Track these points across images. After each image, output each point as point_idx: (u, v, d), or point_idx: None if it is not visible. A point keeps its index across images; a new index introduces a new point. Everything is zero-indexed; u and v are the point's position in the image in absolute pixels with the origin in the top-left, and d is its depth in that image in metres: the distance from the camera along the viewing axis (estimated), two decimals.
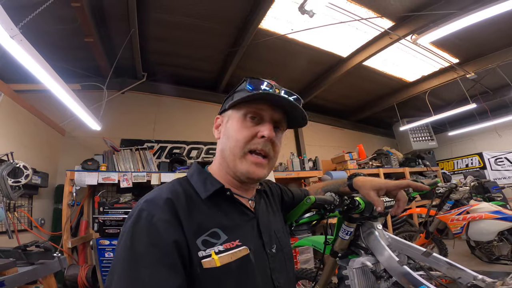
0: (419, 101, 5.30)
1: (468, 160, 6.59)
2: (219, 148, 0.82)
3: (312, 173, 4.37)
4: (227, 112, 0.82)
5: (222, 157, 0.80)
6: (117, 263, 0.58)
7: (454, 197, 2.95)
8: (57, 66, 2.00)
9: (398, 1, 2.82)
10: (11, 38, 1.28)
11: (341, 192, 1.12)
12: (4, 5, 1.26)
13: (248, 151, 0.75)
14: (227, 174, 0.80)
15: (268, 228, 0.83)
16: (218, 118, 0.86)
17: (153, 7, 2.91)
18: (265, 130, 0.74)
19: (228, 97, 0.85)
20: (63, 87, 2.15)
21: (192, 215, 0.67)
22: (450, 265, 0.96)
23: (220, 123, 0.85)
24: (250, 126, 0.76)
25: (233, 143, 0.76)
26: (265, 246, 0.78)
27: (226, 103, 0.84)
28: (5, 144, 2.46)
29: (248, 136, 0.75)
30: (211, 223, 0.69)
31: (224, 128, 0.81)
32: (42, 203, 3.12)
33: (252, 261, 0.71)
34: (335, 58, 4.03)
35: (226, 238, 0.69)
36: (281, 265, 0.83)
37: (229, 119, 0.80)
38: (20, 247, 1.50)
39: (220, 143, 0.82)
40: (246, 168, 0.75)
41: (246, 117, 0.76)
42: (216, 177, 0.79)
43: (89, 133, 3.55)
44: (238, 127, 0.76)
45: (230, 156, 0.76)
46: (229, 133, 0.78)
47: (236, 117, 0.78)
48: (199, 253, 0.64)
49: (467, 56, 4.02)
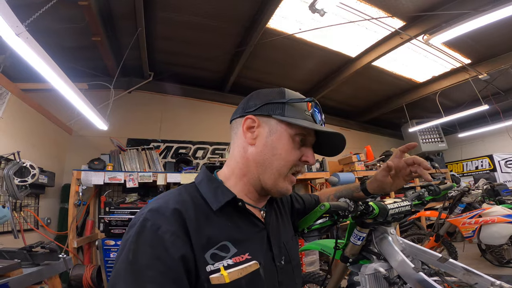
0: (429, 102, 5.20)
1: (478, 162, 6.46)
2: (252, 158, 0.75)
3: (318, 174, 4.31)
4: (271, 120, 0.74)
5: (254, 168, 0.75)
6: (119, 277, 0.54)
7: (466, 200, 2.93)
8: (64, 66, 2.00)
9: (409, 1, 2.75)
10: (16, 36, 1.27)
11: (355, 197, 1.09)
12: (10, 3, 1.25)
13: (291, 172, 0.76)
14: (249, 184, 0.76)
15: (278, 240, 0.80)
16: (250, 119, 0.76)
17: (160, 6, 2.90)
18: (310, 157, 0.77)
19: (274, 103, 0.75)
20: (69, 86, 2.14)
21: (201, 227, 0.63)
22: (467, 271, 0.92)
23: (253, 125, 0.76)
24: (297, 148, 0.76)
25: (282, 162, 0.73)
26: (275, 259, 0.75)
27: (269, 108, 0.75)
28: (12, 143, 2.47)
29: (296, 158, 0.75)
30: (221, 236, 0.65)
31: (267, 139, 0.74)
32: (49, 202, 3.13)
33: (262, 277, 0.67)
34: (343, 58, 3.97)
35: (236, 251, 0.65)
36: (289, 278, 0.80)
37: (275, 132, 0.74)
38: (25, 248, 1.49)
39: (256, 153, 0.74)
40: (286, 187, 0.76)
41: (296, 138, 0.74)
42: (227, 185, 0.75)
43: (96, 133, 3.56)
44: (289, 147, 0.74)
45: (274, 174, 0.73)
46: (277, 150, 0.73)
47: (286, 134, 0.74)
48: (207, 268, 0.60)
49: (479, 57, 3.93)
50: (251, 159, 0.75)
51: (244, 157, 0.76)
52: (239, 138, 0.78)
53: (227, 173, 0.79)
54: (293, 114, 0.73)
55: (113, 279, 0.55)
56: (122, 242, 0.60)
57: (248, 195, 0.77)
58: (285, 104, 0.74)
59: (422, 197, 1.34)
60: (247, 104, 0.79)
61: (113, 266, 0.58)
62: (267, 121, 0.75)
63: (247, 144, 0.76)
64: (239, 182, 0.77)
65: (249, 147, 0.76)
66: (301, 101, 0.75)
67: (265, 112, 0.75)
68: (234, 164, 0.78)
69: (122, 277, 0.53)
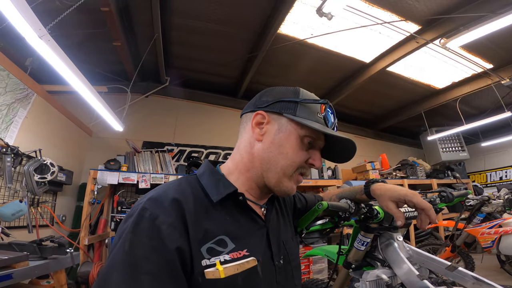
0: (449, 109, 4.99)
1: (502, 172, 6.10)
2: (258, 154, 0.74)
3: (330, 181, 4.25)
4: (281, 118, 0.73)
5: (258, 164, 0.74)
6: (113, 267, 0.53)
7: (486, 210, 2.82)
8: (86, 69, 2.11)
9: (423, 5, 2.69)
10: (39, 38, 1.36)
11: (357, 199, 1.05)
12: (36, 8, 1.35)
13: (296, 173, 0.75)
14: (251, 180, 0.75)
15: (277, 238, 0.78)
16: (260, 114, 0.75)
17: (176, 13, 3.00)
18: (317, 161, 0.75)
19: (287, 101, 0.74)
20: (89, 88, 2.25)
21: (199, 220, 0.62)
22: (477, 280, 0.88)
23: (263, 121, 0.74)
24: (305, 150, 0.74)
25: (288, 162, 0.72)
26: (274, 258, 0.73)
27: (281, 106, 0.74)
28: (35, 142, 2.60)
29: (303, 160, 0.74)
30: (219, 230, 0.64)
31: (275, 136, 0.73)
32: (66, 200, 3.26)
33: (259, 274, 0.66)
34: (357, 64, 3.92)
35: (234, 246, 0.64)
36: (288, 278, 0.78)
37: (284, 130, 0.73)
38: (35, 241, 1.54)
39: (263, 149, 0.73)
40: (291, 186, 0.74)
41: (305, 139, 0.73)
42: (229, 179, 0.74)
43: (114, 134, 3.71)
44: (297, 147, 0.72)
45: (279, 173, 0.72)
46: (285, 149, 0.72)
47: (296, 134, 0.72)
48: (203, 262, 0.59)
49: (501, 61, 3.74)
50: (256, 155, 0.74)
51: (250, 152, 0.75)
52: (246, 133, 0.77)
53: (231, 167, 0.78)
54: (305, 114, 0.72)
55: (107, 269, 0.53)
56: (119, 231, 0.59)
57: (249, 191, 0.76)
58: (298, 103, 0.73)
59: (433, 203, 1.29)
60: (259, 99, 0.78)
61: (108, 254, 0.57)
62: (277, 118, 0.74)
63: (254, 140, 0.75)
64: (242, 177, 0.76)
65: (256, 142, 0.75)
66: (314, 102, 0.73)
67: (276, 110, 0.73)
68: (238, 158, 0.78)
69: (117, 267, 0.52)
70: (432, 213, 0.81)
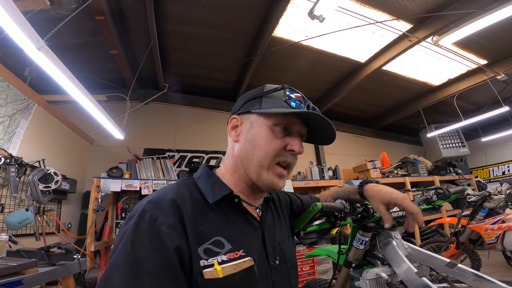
0: (447, 106, 5.02)
1: (504, 167, 6.10)
2: (237, 154, 0.77)
3: (332, 182, 4.27)
4: (251, 116, 0.76)
5: (240, 163, 0.76)
6: (115, 267, 0.54)
7: (488, 206, 2.80)
8: (84, 78, 2.14)
9: (413, 3, 2.73)
10: (37, 50, 1.40)
11: (352, 199, 1.06)
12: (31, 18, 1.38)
13: (275, 163, 0.74)
14: (240, 181, 0.77)
15: (272, 239, 0.80)
16: (234, 119, 0.79)
17: (171, 20, 3.04)
18: (295, 145, 0.74)
19: (252, 98, 0.77)
20: (88, 98, 2.28)
21: (197, 221, 0.64)
22: (477, 277, 0.88)
23: (238, 124, 0.79)
24: (280, 138, 0.74)
25: (262, 153, 0.72)
26: (269, 258, 0.75)
27: (249, 105, 0.77)
28: (38, 152, 2.64)
29: (278, 148, 0.73)
30: (215, 231, 0.66)
31: (248, 133, 0.76)
32: (70, 208, 3.29)
33: (256, 274, 0.68)
34: (353, 64, 3.96)
35: (230, 247, 0.66)
36: (284, 278, 0.80)
37: (254, 125, 0.75)
38: (43, 248, 1.58)
39: (239, 148, 0.76)
40: (271, 179, 0.73)
41: (277, 127, 0.74)
42: (224, 182, 0.77)
43: (115, 143, 3.74)
44: (268, 137, 0.73)
45: (256, 166, 0.73)
46: (257, 142, 0.73)
47: (266, 125, 0.74)
48: (201, 262, 0.61)
49: (495, 57, 3.78)
50: (236, 155, 0.77)
51: (233, 155, 0.78)
52: (228, 139, 0.82)
53: (223, 171, 0.81)
54: (270, 105, 0.74)
55: (109, 270, 0.55)
56: (120, 233, 0.60)
57: (242, 192, 0.78)
58: (262, 97, 0.76)
59: (430, 201, 1.30)
60: (234, 107, 0.82)
61: (110, 254, 0.60)
62: (248, 117, 0.77)
63: (233, 142, 0.79)
64: (231, 179, 0.78)
65: (235, 144, 0.78)
66: (274, 90, 0.76)
67: (245, 110, 0.77)
68: (227, 162, 0.81)
69: (119, 268, 0.54)
70: (419, 217, 0.85)
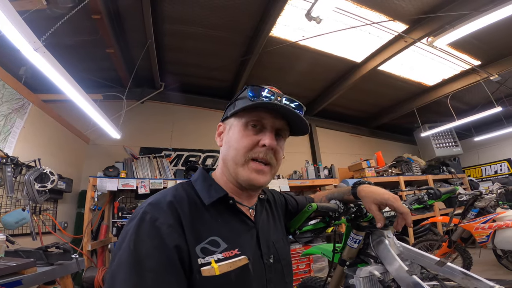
0: (441, 106, 5.09)
1: (497, 166, 6.21)
2: (221, 157, 0.82)
3: (327, 181, 4.30)
4: (229, 120, 0.82)
5: (224, 165, 0.81)
6: (120, 266, 0.57)
7: (479, 205, 2.85)
8: (80, 77, 2.13)
9: (409, 4, 2.76)
10: (34, 51, 1.40)
11: (346, 200, 1.10)
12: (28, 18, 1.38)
13: (250, 159, 0.75)
14: (228, 182, 0.81)
15: (267, 239, 0.83)
16: (220, 126, 0.86)
17: (169, 19, 3.03)
18: (266, 139, 0.74)
19: (230, 104, 0.84)
20: (84, 98, 2.28)
21: (193, 222, 0.68)
22: (465, 275, 0.92)
23: (223, 130, 0.85)
24: (251, 135, 0.76)
25: (233, 152, 0.76)
26: (263, 256, 0.78)
27: (228, 110, 0.83)
28: (34, 151, 2.63)
29: (249, 145, 0.75)
30: (211, 231, 0.70)
31: (226, 136, 0.81)
32: (66, 207, 3.28)
33: (250, 271, 0.71)
34: (349, 64, 3.99)
35: (226, 246, 0.69)
36: (279, 277, 0.83)
37: (231, 127, 0.80)
38: (41, 248, 1.59)
39: (222, 151, 0.82)
40: (248, 175, 0.75)
41: (248, 125, 0.76)
42: (220, 184, 0.81)
43: (111, 141, 3.73)
44: (239, 136, 0.76)
45: (232, 165, 0.77)
46: (231, 143, 0.78)
47: (238, 125, 0.78)
48: (199, 260, 0.64)
49: (488, 58, 3.84)
50: (222, 158, 0.82)
51: (220, 159, 0.84)
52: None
53: (217, 174, 0.85)
54: (241, 105, 0.77)
55: (114, 267, 0.58)
56: (123, 233, 0.64)
57: (233, 193, 0.81)
58: (236, 100, 0.81)
59: (422, 200, 1.34)
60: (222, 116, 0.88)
61: (113, 255, 0.62)
62: (228, 122, 0.83)
63: (220, 148, 0.84)
64: (224, 181, 0.82)
65: (220, 149, 0.84)
66: (241, 92, 0.81)
67: (226, 115, 0.84)
68: (219, 166, 0.86)
69: (123, 265, 0.57)
70: (408, 217, 0.90)
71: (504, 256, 3.09)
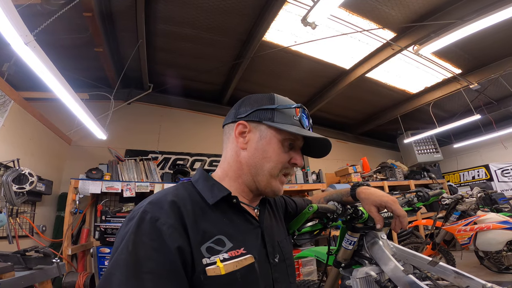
0: (423, 113, 5.28)
1: (474, 172, 6.50)
2: (245, 161, 0.79)
3: (315, 185, 4.36)
4: (260, 126, 0.79)
5: (247, 170, 0.79)
6: (117, 267, 0.54)
7: (461, 208, 2.98)
8: (66, 75, 2.04)
9: (399, 12, 2.85)
10: (25, 45, 1.33)
11: (344, 201, 1.13)
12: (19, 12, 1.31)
13: (282, 174, 0.81)
14: (244, 186, 0.81)
15: (272, 238, 0.83)
16: (241, 124, 0.80)
17: (161, 19, 2.99)
18: (298, 159, 0.82)
19: (264, 109, 0.79)
20: (72, 96, 2.19)
21: (197, 221, 0.66)
22: (458, 274, 0.94)
23: (244, 131, 0.80)
24: (287, 152, 0.81)
25: (272, 164, 0.78)
26: (269, 256, 0.77)
27: (260, 114, 0.79)
28: (12, 151, 2.49)
29: (286, 161, 0.80)
30: (216, 230, 0.68)
31: (258, 143, 0.79)
32: (45, 210, 3.12)
33: (256, 270, 0.70)
34: (338, 70, 4.06)
35: (232, 245, 0.68)
36: (284, 276, 0.82)
37: (265, 137, 0.78)
38: (19, 251, 1.49)
39: (248, 156, 0.79)
40: (278, 187, 0.81)
41: (285, 142, 0.79)
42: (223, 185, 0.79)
43: (95, 143, 3.60)
44: (279, 150, 0.79)
45: (266, 175, 0.78)
46: (268, 153, 0.78)
47: (275, 139, 0.78)
48: (203, 260, 0.62)
49: (469, 66, 4.01)
50: (243, 162, 0.80)
51: (237, 160, 0.81)
52: (231, 143, 0.82)
53: (221, 175, 0.83)
54: (282, 119, 0.78)
55: (110, 269, 0.55)
56: (121, 234, 0.61)
57: (242, 195, 0.81)
58: (275, 110, 0.79)
59: (412, 203, 1.37)
60: (238, 109, 0.83)
61: (110, 256, 0.59)
62: (257, 126, 0.79)
63: (239, 149, 0.80)
64: (234, 183, 0.81)
65: (241, 151, 0.80)
66: (289, 107, 0.80)
67: (255, 118, 0.79)
68: (227, 167, 0.83)
69: (120, 267, 0.54)
70: (405, 220, 0.95)
71: (486, 258, 3.20)
